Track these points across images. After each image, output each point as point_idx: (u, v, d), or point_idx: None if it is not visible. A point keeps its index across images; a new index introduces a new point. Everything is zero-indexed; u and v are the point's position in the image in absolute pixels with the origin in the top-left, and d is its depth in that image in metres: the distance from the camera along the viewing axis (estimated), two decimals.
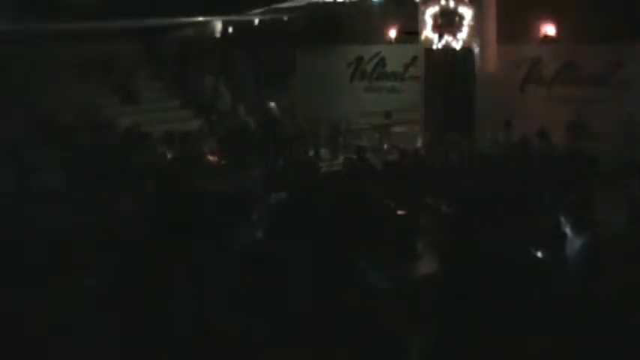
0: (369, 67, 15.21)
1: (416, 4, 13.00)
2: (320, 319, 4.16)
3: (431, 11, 12.73)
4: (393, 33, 14.51)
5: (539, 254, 5.27)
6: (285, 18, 15.03)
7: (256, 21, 15.02)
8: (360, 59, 15.33)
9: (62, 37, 13.26)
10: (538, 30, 12.01)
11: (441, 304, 4.44)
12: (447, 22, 12.54)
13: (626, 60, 11.19)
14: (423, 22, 12.91)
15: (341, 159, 11.64)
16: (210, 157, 11.06)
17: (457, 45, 12.52)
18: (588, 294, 4.16)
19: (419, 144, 12.61)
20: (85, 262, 5.93)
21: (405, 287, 5.45)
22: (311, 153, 12.71)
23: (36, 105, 12.29)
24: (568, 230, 4.90)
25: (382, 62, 14.99)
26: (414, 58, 13.91)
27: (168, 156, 10.48)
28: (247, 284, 4.71)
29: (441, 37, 12.64)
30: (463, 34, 12.41)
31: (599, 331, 3.70)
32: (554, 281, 4.63)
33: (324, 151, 13.13)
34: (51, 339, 4.76)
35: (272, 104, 13.84)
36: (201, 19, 14.84)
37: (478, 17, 12.32)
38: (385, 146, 12.85)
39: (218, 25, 16.54)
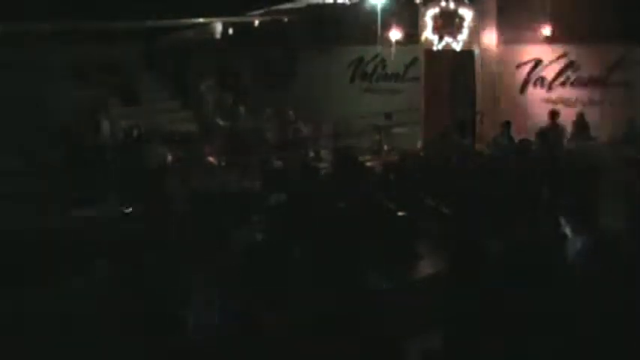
0: (370, 69, 15.21)
1: (416, 5, 13.01)
2: (321, 319, 4.16)
3: (431, 12, 12.73)
4: (393, 34, 14.52)
5: (540, 255, 5.26)
6: (286, 19, 15.04)
7: (257, 22, 15.02)
8: (360, 60, 15.33)
9: (63, 37, 13.27)
10: (538, 31, 12.02)
11: (443, 305, 4.44)
12: (448, 23, 12.55)
13: (626, 61, 11.20)
14: (424, 23, 12.92)
15: None
16: (211, 158, 11.06)
17: (457, 46, 12.53)
18: (589, 294, 4.16)
19: (419, 145, 12.61)
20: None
21: (406, 288, 5.46)
22: (311, 154, 12.71)
23: (36, 106, 12.28)
24: (568, 231, 4.91)
25: (382, 63, 14.99)
26: (415, 60, 13.92)
27: (169, 157, 10.50)
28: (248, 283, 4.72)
29: (441, 38, 12.64)
30: (463, 36, 12.42)
31: (598, 331, 3.71)
32: (555, 281, 4.63)
33: (324, 152, 13.13)
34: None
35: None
36: (201, 20, 14.84)
37: (478, 18, 12.33)
38: (385, 147, 12.84)
39: (218, 27, 16.55)
